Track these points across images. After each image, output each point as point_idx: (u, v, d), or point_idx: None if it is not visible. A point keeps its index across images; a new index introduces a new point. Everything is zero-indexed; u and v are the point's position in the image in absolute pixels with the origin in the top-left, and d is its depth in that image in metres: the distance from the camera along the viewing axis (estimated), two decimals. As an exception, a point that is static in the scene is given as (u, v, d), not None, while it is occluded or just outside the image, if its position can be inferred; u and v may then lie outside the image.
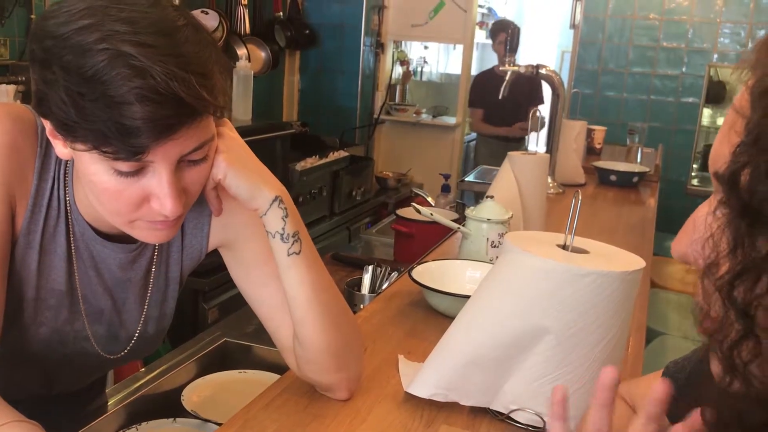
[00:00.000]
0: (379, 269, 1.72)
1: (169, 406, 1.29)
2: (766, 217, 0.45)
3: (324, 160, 3.63)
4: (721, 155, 0.50)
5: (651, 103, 4.48)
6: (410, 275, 1.41)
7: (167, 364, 1.44)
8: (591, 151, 3.62)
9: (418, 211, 1.63)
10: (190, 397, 1.30)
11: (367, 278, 1.70)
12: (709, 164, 0.53)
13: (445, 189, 2.60)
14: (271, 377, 1.33)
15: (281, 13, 4.18)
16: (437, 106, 5.18)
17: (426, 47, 5.74)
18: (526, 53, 6.56)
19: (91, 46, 0.72)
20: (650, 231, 2.31)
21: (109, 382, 1.35)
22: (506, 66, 2.58)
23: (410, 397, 1.02)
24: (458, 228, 1.61)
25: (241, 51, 3.73)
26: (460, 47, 4.96)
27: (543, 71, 2.64)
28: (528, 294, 0.91)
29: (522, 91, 4.19)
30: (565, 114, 4.01)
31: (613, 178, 2.95)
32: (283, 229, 0.91)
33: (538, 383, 0.93)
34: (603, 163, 3.10)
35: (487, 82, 4.67)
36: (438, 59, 6.10)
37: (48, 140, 0.85)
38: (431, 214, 1.63)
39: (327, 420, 0.97)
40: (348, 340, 1.00)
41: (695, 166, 4.37)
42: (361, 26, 4.46)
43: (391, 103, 4.91)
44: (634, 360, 1.23)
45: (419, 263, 1.50)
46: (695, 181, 4.30)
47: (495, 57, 5.04)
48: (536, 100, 4.63)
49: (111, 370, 1.30)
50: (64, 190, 0.91)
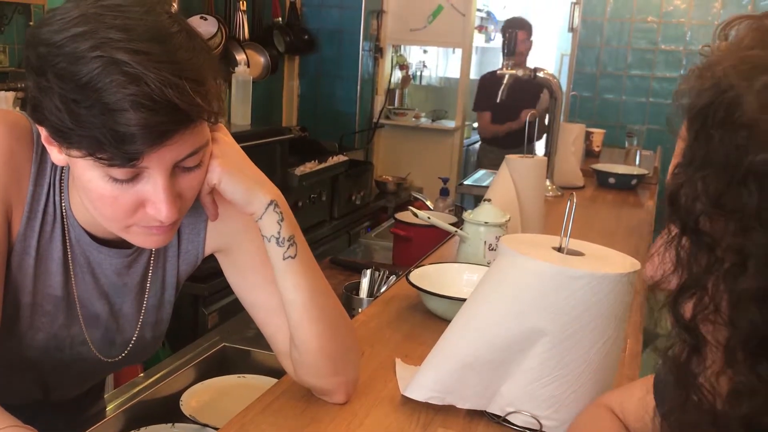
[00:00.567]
0: (377, 273, 1.73)
1: (167, 411, 1.29)
2: (704, 234, 0.47)
3: (323, 165, 3.63)
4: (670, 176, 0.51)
5: (650, 106, 4.49)
6: (408, 279, 1.41)
7: (166, 369, 1.44)
8: (590, 154, 3.62)
9: (415, 214, 1.64)
10: (189, 402, 1.30)
11: (365, 282, 1.71)
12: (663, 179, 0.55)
13: (444, 192, 2.61)
14: (269, 382, 1.33)
15: (280, 19, 4.19)
16: (436, 109, 5.18)
17: (425, 51, 5.73)
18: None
19: (85, 54, 0.72)
20: (649, 233, 2.30)
21: (108, 388, 1.36)
22: (504, 69, 2.58)
23: (407, 400, 1.02)
24: (455, 231, 1.61)
25: (240, 56, 3.74)
26: (459, 51, 4.96)
27: (541, 74, 2.64)
28: (523, 297, 0.91)
29: (528, 89, 4.03)
30: (563, 117, 4.01)
31: (612, 180, 2.95)
32: (279, 233, 0.92)
33: (534, 386, 0.94)
34: (602, 166, 3.10)
35: (496, 83, 4.47)
36: (437, 63, 6.10)
37: (43, 146, 0.85)
38: (428, 217, 1.63)
39: (324, 423, 0.97)
40: (344, 344, 1.00)
41: (694, 168, 4.36)
42: (360, 31, 4.46)
43: (390, 107, 4.91)
44: (631, 362, 1.23)
45: (417, 267, 1.50)
46: (694, 183, 4.29)
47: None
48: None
49: (108, 375, 1.30)
50: (60, 196, 0.91)
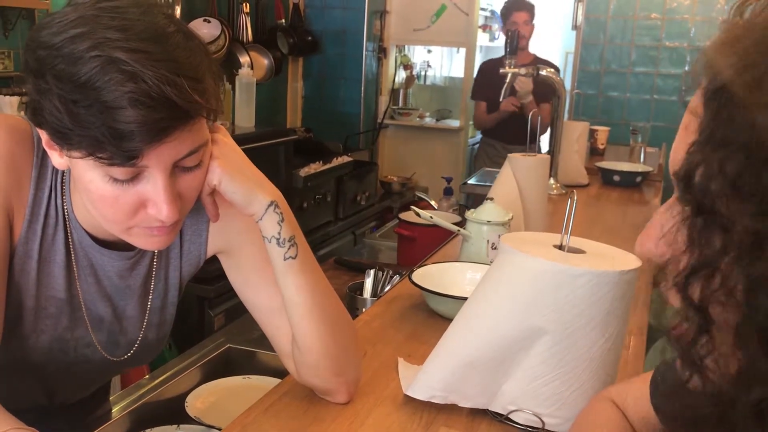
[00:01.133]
0: (380, 273, 1.73)
1: (173, 412, 1.29)
2: (719, 215, 0.46)
3: (328, 166, 3.64)
4: (678, 155, 0.51)
5: (654, 103, 4.47)
6: (410, 278, 1.41)
7: (171, 370, 1.45)
8: (594, 152, 3.61)
9: (418, 214, 1.64)
10: (194, 404, 1.30)
11: (368, 282, 1.71)
12: (669, 164, 0.54)
13: (448, 192, 2.60)
14: (274, 383, 1.32)
15: (283, 20, 4.20)
16: (441, 109, 5.18)
17: (429, 51, 5.73)
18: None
19: (83, 54, 0.73)
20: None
21: (114, 389, 1.36)
22: (507, 68, 2.58)
23: (409, 399, 1.02)
24: (458, 231, 1.61)
25: (244, 58, 3.75)
26: (463, 50, 4.96)
27: (543, 73, 2.64)
28: (524, 295, 0.91)
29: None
30: (568, 115, 3.99)
31: (617, 178, 2.95)
32: (279, 233, 0.92)
33: (536, 384, 0.93)
34: (606, 164, 3.10)
35: (495, 71, 4.09)
36: (441, 63, 6.09)
37: (44, 150, 0.86)
38: (431, 217, 1.63)
39: (326, 423, 0.97)
40: (346, 344, 1.00)
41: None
42: (363, 31, 4.46)
43: (394, 107, 4.91)
44: (635, 360, 1.22)
45: (420, 266, 1.50)
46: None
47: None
48: (546, 97, 4.09)
49: (113, 377, 1.31)
50: (62, 199, 0.92)
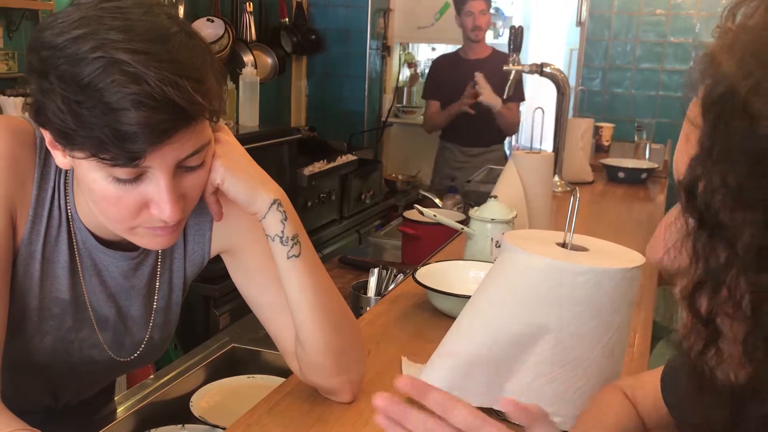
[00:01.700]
0: (384, 272, 1.73)
1: (177, 412, 1.29)
2: (723, 228, 0.45)
3: (332, 164, 3.63)
4: (681, 164, 0.50)
5: (659, 99, 4.46)
6: (414, 277, 1.41)
7: (176, 370, 1.45)
8: (599, 149, 3.60)
9: (421, 212, 1.64)
10: (199, 403, 1.30)
11: (373, 281, 1.71)
12: (672, 171, 0.53)
13: (452, 190, 2.60)
14: (279, 382, 1.32)
15: (287, 19, 4.19)
16: (445, 107, 5.16)
17: (433, 49, 5.72)
18: (534, 52, 6.53)
19: (86, 55, 0.73)
20: (659, 227, 2.29)
21: (120, 389, 1.36)
22: (510, 65, 2.57)
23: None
24: (462, 229, 1.61)
25: (248, 58, 3.74)
26: (467, 48, 4.95)
27: (548, 70, 2.63)
28: (526, 293, 0.91)
29: (489, 80, 3.40)
30: (572, 112, 3.98)
31: (622, 175, 2.94)
32: (282, 232, 0.92)
33: (540, 382, 0.93)
34: (611, 160, 3.09)
35: (449, 67, 3.71)
36: (446, 61, 6.08)
37: (47, 150, 0.86)
38: (434, 215, 1.63)
39: (330, 423, 0.98)
40: (349, 343, 1.00)
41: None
42: (367, 30, 4.46)
43: (398, 105, 4.91)
44: (640, 358, 1.22)
45: (423, 265, 1.50)
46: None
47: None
48: (515, 96, 3.48)
49: (117, 378, 1.31)
50: (65, 199, 0.92)
